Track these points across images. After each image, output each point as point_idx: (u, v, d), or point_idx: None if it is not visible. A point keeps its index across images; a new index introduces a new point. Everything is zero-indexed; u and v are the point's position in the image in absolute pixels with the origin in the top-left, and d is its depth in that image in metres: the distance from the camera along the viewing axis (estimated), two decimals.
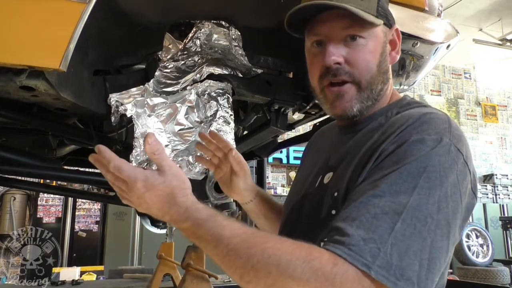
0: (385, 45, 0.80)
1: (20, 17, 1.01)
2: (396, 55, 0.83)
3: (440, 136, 0.66)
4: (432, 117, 0.70)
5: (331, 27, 0.77)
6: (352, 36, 0.76)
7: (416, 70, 1.49)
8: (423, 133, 0.66)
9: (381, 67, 0.79)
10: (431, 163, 0.63)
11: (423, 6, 1.40)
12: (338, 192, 0.73)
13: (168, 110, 1.43)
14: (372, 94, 0.79)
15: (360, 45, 0.77)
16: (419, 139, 0.66)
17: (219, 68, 1.54)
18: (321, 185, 0.80)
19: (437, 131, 0.67)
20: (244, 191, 1.01)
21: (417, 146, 0.65)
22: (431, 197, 0.62)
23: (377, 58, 0.78)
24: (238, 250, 0.61)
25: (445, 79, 10.10)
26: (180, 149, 1.42)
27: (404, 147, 0.66)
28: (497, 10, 7.18)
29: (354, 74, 0.77)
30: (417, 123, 0.68)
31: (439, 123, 0.68)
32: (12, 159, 1.54)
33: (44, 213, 6.04)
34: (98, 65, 1.39)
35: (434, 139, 0.66)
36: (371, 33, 0.77)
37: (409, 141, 0.66)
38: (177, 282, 2.19)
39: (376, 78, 0.78)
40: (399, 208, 0.60)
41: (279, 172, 8.62)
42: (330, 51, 0.76)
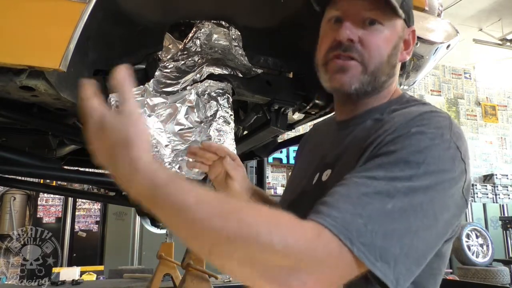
0: (400, 40, 0.80)
1: (20, 17, 1.02)
2: (407, 56, 0.83)
3: (441, 131, 0.65)
4: (433, 114, 0.69)
5: (353, 5, 0.76)
6: (372, 20, 0.76)
7: (416, 70, 1.49)
8: (423, 127, 0.65)
9: (391, 59, 0.79)
10: (431, 155, 0.62)
11: (423, 6, 1.40)
12: None
13: (168, 110, 1.43)
14: (374, 82, 0.78)
15: (377, 30, 0.76)
16: (420, 131, 0.64)
17: (219, 68, 1.54)
18: (319, 183, 0.79)
19: (438, 126, 0.66)
20: (240, 193, 0.99)
21: (416, 137, 0.64)
22: (426, 188, 0.60)
23: (390, 49, 0.78)
24: (208, 220, 0.53)
25: (445, 79, 10.10)
26: (180, 149, 1.42)
27: (402, 137, 0.65)
28: (497, 10, 7.18)
29: (364, 55, 0.76)
30: (418, 118, 0.67)
31: (440, 120, 0.68)
32: (12, 159, 1.54)
33: (44, 213, 6.04)
34: (98, 65, 1.39)
35: (434, 133, 0.64)
36: (390, 23, 0.77)
37: (408, 133, 0.65)
38: (177, 282, 2.19)
39: (384, 67, 0.78)
40: (392, 191, 0.59)
41: (279, 172, 8.62)
42: (347, 26, 0.76)
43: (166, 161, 1.38)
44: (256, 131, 1.79)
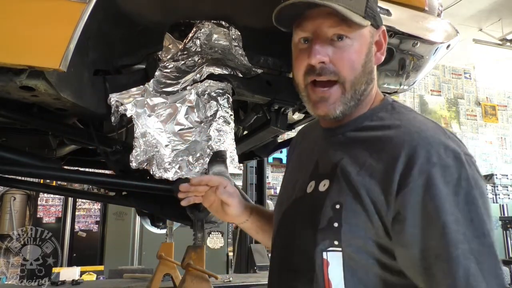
0: (371, 45, 0.81)
1: (20, 17, 1.01)
2: (381, 56, 0.84)
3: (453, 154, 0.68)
4: (432, 132, 0.71)
5: (319, 25, 0.77)
6: (339, 35, 0.77)
7: (416, 70, 1.49)
8: (438, 157, 0.67)
9: (366, 68, 0.79)
10: (465, 189, 0.66)
11: (423, 6, 1.39)
12: (341, 206, 0.72)
13: (168, 110, 1.43)
14: (355, 94, 0.79)
15: (346, 45, 0.77)
16: (441, 165, 0.67)
17: (219, 68, 1.54)
18: (316, 193, 0.79)
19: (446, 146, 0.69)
20: (238, 216, 0.99)
21: (442, 173, 0.66)
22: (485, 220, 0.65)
23: (363, 59, 0.78)
24: None
25: (445, 79, 10.10)
26: (180, 149, 1.42)
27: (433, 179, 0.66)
28: (497, 10, 7.18)
29: (339, 73, 0.77)
30: (424, 143, 0.69)
31: (439, 137, 0.70)
32: (12, 159, 1.54)
33: (44, 213, 6.04)
34: (98, 65, 1.39)
35: (452, 160, 0.67)
36: (357, 34, 0.77)
37: (434, 172, 0.66)
38: (177, 282, 2.19)
39: (360, 79, 0.78)
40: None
41: (279, 172, 8.62)
42: (316, 49, 0.76)
43: (166, 161, 1.38)
44: (256, 131, 1.78)
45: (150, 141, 1.37)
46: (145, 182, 1.56)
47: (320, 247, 0.73)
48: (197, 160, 1.40)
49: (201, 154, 1.40)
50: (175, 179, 1.38)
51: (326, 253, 0.73)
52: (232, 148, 1.43)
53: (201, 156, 1.39)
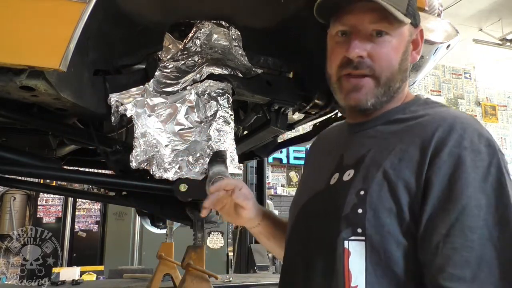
0: (409, 44, 0.80)
1: (20, 17, 1.01)
2: (417, 55, 0.84)
3: (488, 141, 0.67)
4: (467, 120, 0.71)
5: (359, 19, 0.76)
6: (379, 31, 0.76)
7: (416, 70, 1.49)
8: (471, 141, 0.66)
9: (402, 66, 0.79)
10: (494, 176, 0.64)
11: (423, 6, 1.39)
12: (366, 191, 0.71)
13: (168, 110, 1.43)
14: (389, 91, 0.79)
15: (385, 42, 0.76)
16: (473, 150, 0.65)
17: (219, 68, 1.54)
18: (340, 183, 0.77)
19: (480, 133, 0.68)
20: (252, 219, 0.96)
21: (473, 158, 0.65)
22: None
23: (400, 56, 0.78)
24: None
25: (445, 79, 10.10)
26: (180, 149, 1.42)
27: (462, 162, 0.65)
28: (497, 10, 7.17)
29: (375, 69, 0.77)
30: (458, 128, 0.68)
31: (476, 125, 0.70)
32: (12, 159, 1.54)
33: (44, 213, 6.04)
34: (98, 65, 1.39)
35: (485, 146, 0.66)
36: (397, 31, 0.77)
37: (464, 155, 0.65)
38: (177, 282, 2.19)
39: (396, 76, 0.78)
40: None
41: (279, 172, 8.62)
42: (355, 43, 0.76)
43: (166, 161, 1.38)
44: (256, 131, 1.78)
45: (150, 141, 1.37)
46: (145, 182, 1.56)
47: (342, 235, 0.70)
48: (197, 160, 1.40)
49: (201, 154, 1.40)
50: (175, 179, 1.38)
51: (348, 242, 0.70)
52: (232, 148, 1.43)
53: (201, 156, 1.39)
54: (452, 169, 0.65)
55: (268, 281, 2.75)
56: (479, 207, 0.62)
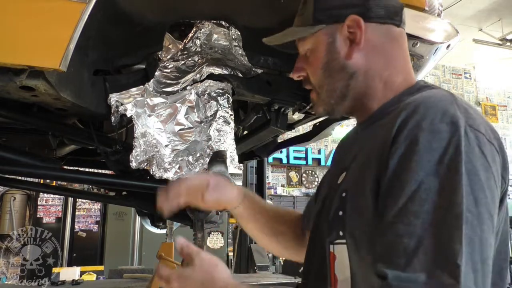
0: (331, 45, 0.80)
1: (20, 17, 1.01)
2: (356, 46, 0.78)
3: (451, 119, 0.61)
4: (436, 99, 0.65)
5: (298, 46, 0.88)
6: (305, 50, 0.85)
7: (416, 70, 1.49)
8: (430, 122, 0.61)
9: (329, 67, 0.80)
10: (451, 156, 0.58)
11: (423, 6, 1.39)
12: (346, 193, 0.70)
13: (168, 110, 1.43)
14: (332, 94, 0.81)
15: (309, 56, 0.84)
16: (431, 130, 0.60)
17: (219, 68, 1.54)
18: (335, 185, 0.78)
19: (445, 111, 0.62)
20: (227, 202, 0.97)
21: (430, 139, 0.59)
22: (462, 192, 0.56)
23: (321, 62, 0.81)
24: None
25: (445, 79, 10.10)
26: (180, 149, 1.42)
27: (416, 144, 0.60)
28: (497, 10, 7.18)
29: (311, 82, 0.85)
30: (421, 109, 0.63)
31: (444, 104, 0.63)
32: (12, 159, 1.54)
33: (44, 213, 6.04)
34: (98, 65, 1.39)
35: (447, 125, 0.60)
36: (312, 41, 0.83)
37: (420, 136, 0.60)
38: None
39: (326, 80, 0.81)
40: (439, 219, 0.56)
41: (279, 172, 8.62)
42: (295, 67, 0.88)
43: (166, 161, 1.38)
44: (256, 131, 1.78)
45: (150, 141, 1.38)
46: (145, 182, 1.56)
47: (329, 239, 0.71)
48: (197, 160, 1.40)
49: (201, 154, 1.40)
50: (175, 179, 1.38)
51: (333, 246, 0.70)
52: (232, 148, 1.43)
53: (201, 156, 1.40)
54: (405, 152, 0.60)
55: (268, 281, 2.75)
56: (428, 191, 0.57)
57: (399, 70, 0.80)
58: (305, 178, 8.88)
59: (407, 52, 0.83)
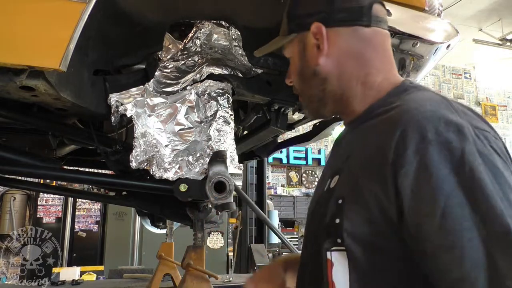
0: (301, 52, 0.84)
1: (20, 17, 1.01)
2: (321, 52, 0.80)
3: (456, 127, 0.59)
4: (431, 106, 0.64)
5: None
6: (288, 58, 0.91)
7: (416, 70, 1.49)
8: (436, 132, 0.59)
9: (303, 74, 0.85)
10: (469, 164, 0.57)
11: (423, 6, 1.39)
12: (343, 200, 0.69)
13: (168, 110, 1.43)
14: (312, 98, 0.85)
15: (290, 63, 0.90)
16: (440, 142, 0.58)
17: (219, 68, 1.54)
18: (328, 189, 0.76)
19: (447, 119, 0.60)
20: None
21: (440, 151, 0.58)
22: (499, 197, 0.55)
23: (296, 69, 0.87)
24: None
25: (445, 79, 10.11)
26: (180, 149, 1.42)
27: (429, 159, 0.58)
28: (497, 10, 7.18)
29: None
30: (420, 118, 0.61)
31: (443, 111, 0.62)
32: (12, 159, 1.54)
33: (44, 213, 6.04)
34: (98, 65, 1.39)
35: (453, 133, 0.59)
36: (290, 50, 0.89)
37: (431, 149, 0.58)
38: (177, 282, 2.19)
39: (303, 85, 0.86)
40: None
41: (279, 172, 8.63)
42: (287, 73, 0.93)
43: (166, 161, 1.38)
44: (256, 131, 1.78)
45: (150, 141, 1.38)
46: (145, 182, 1.56)
47: (325, 246, 0.69)
48: (197, 160, 1.40)
49: (201, 154, 1.40)
50: (175, 179, 1.38)
51: (330, 253, 0.69)
52: (232, 148, 1.43)
53: (201, 156, 1.40)
54: (419, 170, 0.58)
55: None
56: (461, 205, 0.55)
57: (378, 70, 0.79)
58: (305, 178, 8.89)
59: (385, 51, 0.81)
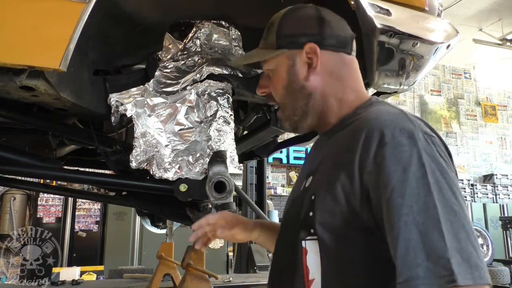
0: (291, 68, 0.91)
1: (20, 17, 1.02)
2: (315, 68, 0.90)
3: (408, 134, 0.72)
4: (390, 117, 0.77)
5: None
6: (268, 70, 0.96)
7: (416, 70, 1.49)
8: (391, 139, 0.72)
9: (290, 88, 0.91)
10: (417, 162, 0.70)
11: (423, 6, 1.39)
12: (315, 196, 0.80)
13: (168, 110, 1.43)
14: (295, 111, 0.92)
15: (272, 76, 0.95)
16: (395, 144, 0.71)
17: (219, 68, 1.54)
18: (304, 189, 0.88)
19: (402, 127, 0.73)
20: (248, 237, 1.09)
21: (394, 151, 0.71)
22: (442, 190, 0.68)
23: (282, 82, 0.92)
24: None
25: (445, 79, 10.11)
26: (180, 149, 1.42)
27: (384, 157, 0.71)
28: (497, 10, 7.18)
29: (275, 99, 0.96)
30: (379, 127, 0.74)
31: (399, 120, 0.76)
32: (12, 159, 1.54)
33: (44, 213, 6.04)
34: (98, 65, 1.39)
35: (407, 138, 0.72)
36: (274, 63, 0.93)
37: (385, 158, 0.71)
38: (177, 282, 2.19)
39: (288, 99, 0.92)
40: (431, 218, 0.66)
41: (279, 172, 8.62)
42: (259, 84, 0.99)
43: (166, 161, 1.38)
44: (256, 131, 1.79)
45: (150, 141, 1.38)
46: (145, 182, 1.56)
47: (300, 236, 0.81)
48: (197, 160, 1.40)
49: (201, 154, 1.40)
50: (175, 179, 1.38)
51: (304, 241, 0.80)
52: (232, 148, 1.43)
53: (201, 156, 1.40)
54: (378, 167, 0.71)
55: None
56: (403, 196, 0.68)
57: (352, 90, 0.92)
58: None
59: (358, 73, 0.94)
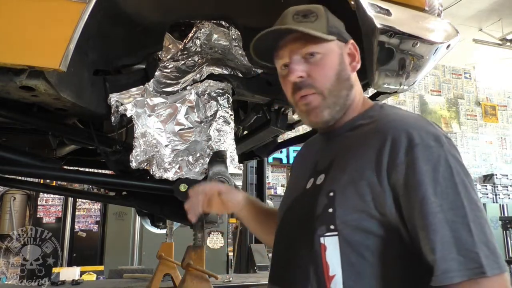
0: (342, 56, 0.91)
1: (20, 17, 1.02)
2: (357, 64, 0.93)
3: (434, 136, 0.77)
4: (414, 120, 0.81)
5: (291, 49, 0.89)
6: (310, 53, 0.88)
7: (416, 70, 1.49)
8: (421, 140, 0.76)
9: (341, 75, 0.89)
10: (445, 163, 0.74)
11: (423, 6, 1.39)
12: (334, 192, 0.81)
13: (168, 110, 1.43)
14: (338, 100, 0.89)
15: (318, 60, 0.88)
16: (424, 145, 0.75)
17: (219, 68, 1.54)
18: (314, 186, 0.87)
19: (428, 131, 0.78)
20: (236, 206, 1.09)
21: (428, 153, 0.74)
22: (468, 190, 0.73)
23: (335, 68, 0.89)
24: None
25: (445, 79, 10.10)
26: (180, 149, 1.42)
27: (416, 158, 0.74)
28: (497, 10, 7.18)
29: (315, 85, 0.88)
30: (407, 128, 0.78)
31: (421, 122, 0.80)
32: (12, 159, 1.54)
33: (44, 213, 6.04)
34: (98, 65, 1.39)
35: (434, 140, 0.76)
36: (325, 48, 0.88)
37: (416, 158, 0.74)
38: (177, 282, 2.19)
39: (337, 86, 0.89)
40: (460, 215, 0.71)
41: (279, 172, 8.62)
42: (293, 68, 0.88)
43: (166, 161, 1.38)
44: (256, 131, 1.78)
45: (150, 141, 1.38)
46: (145, 182, 1.56)
47: (318, 232, 0.80)
48: (197, 160, 1.40)
49: (201, 154, 1.40)
50: (175, 179, 1.38)
51: (323, 238, 0.80)
52: (232, 148, 1.43)
53: (201, 156, 1.40)
54: (408, 165, 0.75)
55: None
56: (435, 195, 0.72)
57: (361, 92, 0.95)
58: None
59: None
